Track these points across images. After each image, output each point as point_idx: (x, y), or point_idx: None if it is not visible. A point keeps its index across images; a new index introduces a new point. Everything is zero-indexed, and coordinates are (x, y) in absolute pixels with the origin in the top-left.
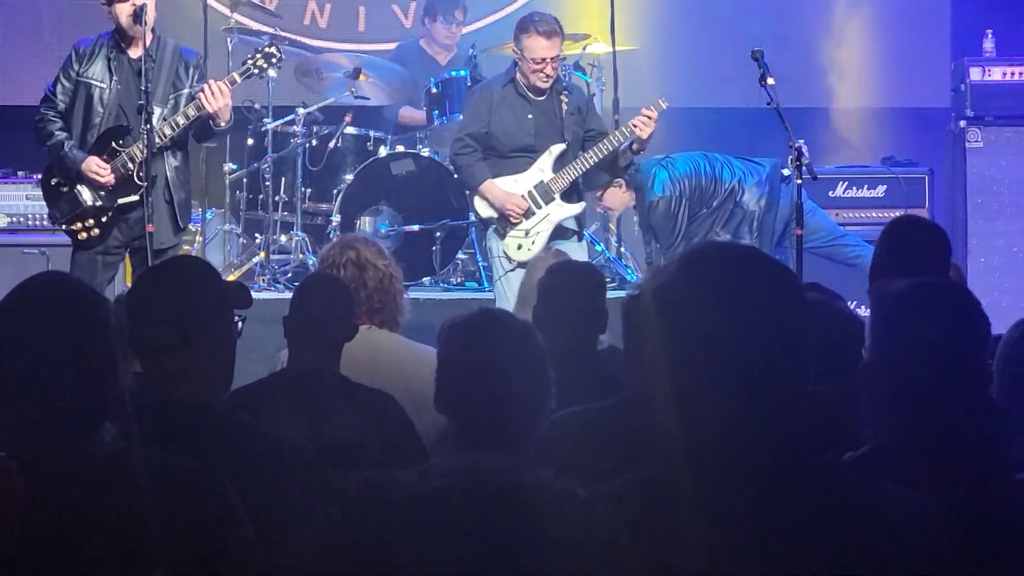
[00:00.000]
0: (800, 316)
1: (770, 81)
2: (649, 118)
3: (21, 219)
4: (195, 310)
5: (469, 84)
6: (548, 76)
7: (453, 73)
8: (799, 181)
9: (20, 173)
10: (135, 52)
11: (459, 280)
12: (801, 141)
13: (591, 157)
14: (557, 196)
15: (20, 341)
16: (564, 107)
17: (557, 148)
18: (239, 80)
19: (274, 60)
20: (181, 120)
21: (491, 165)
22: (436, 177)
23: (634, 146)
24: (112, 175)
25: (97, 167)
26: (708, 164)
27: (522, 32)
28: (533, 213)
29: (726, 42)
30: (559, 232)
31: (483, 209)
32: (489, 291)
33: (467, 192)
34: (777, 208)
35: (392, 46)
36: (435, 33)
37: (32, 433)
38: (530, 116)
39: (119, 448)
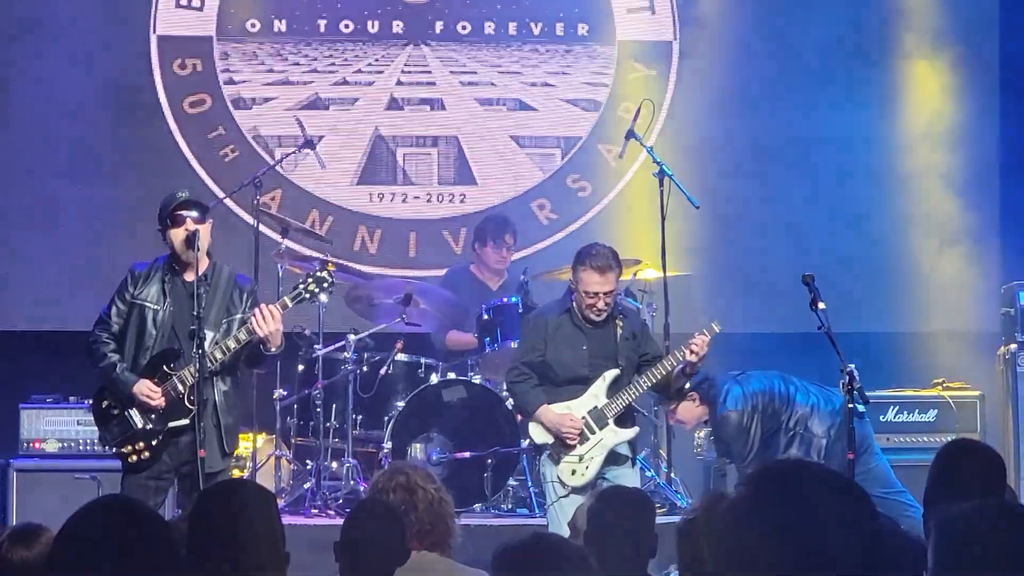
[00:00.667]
0: (868, 542)
1: (821, 306)
2: (700, 343)
3: (72, 444)
4: (251, 534)
5: (520, 310)
6: (600, 311)
7: (506, 299)
8: (851, 406)
9: (72, 398)
10: (189, 276)
11: (510, 506)
12: (852, 365)
13: (645, 383)
14: (611, 421)
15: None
16: (619, 332)
17: (611, 374)
18: (290, 304)
19: (325, 285)
20: (232, 344)
21: (545, 392)
22: (487, 404)
23: (687, 369)
24: (163, 398)
25: (149, 390)
26: (783, 384)
27: (578, 264)
28: (587, 438)
29: (777, 268)
30: (612, 458)
31: (538, 435)
32: (541, 517)
33: (521, 419)
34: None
35: (442, 272)
36: (486, 258)
37: None
38: (584, 347)
39: None
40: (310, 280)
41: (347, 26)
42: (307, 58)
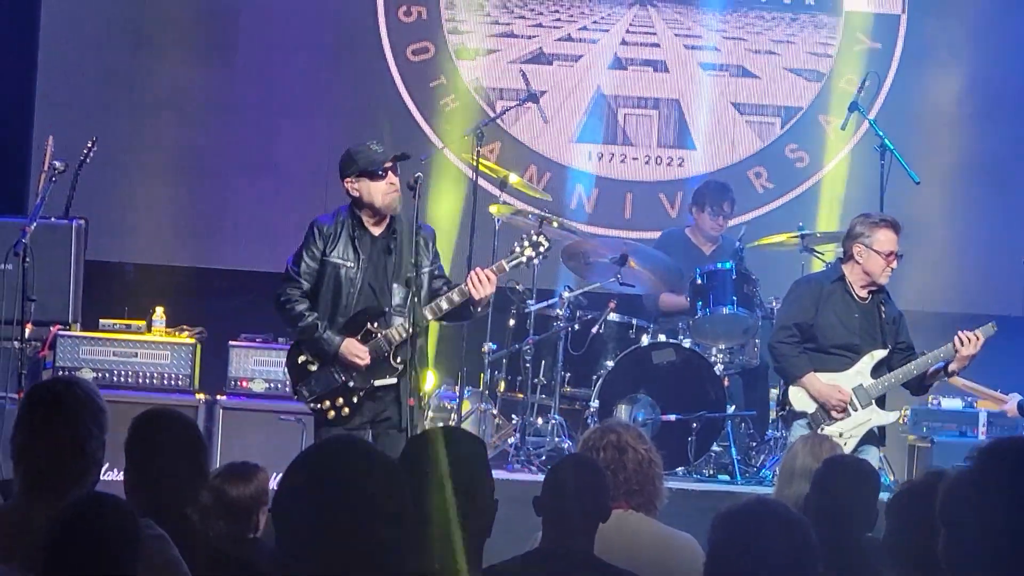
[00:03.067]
0: None
1: None
2: (974, 340)
3: (279, 385)
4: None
5: (734, 277)
6: (892, 271)
7: (719, 265)
8: None
9: (281, 340)
10: (377, 229)
11: (711, 472)
12: None
13: (912, 369)
14: (874, 402)
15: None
16: (883, 315)
17: (879, 353)
18: (507, 268)
19: (542, 249)
20: (445, 305)
21: (811, 359)
22: (696, 368)
23: (950, 366)
24: (369, 358)
25: (357, 350)
26: None
27: (872, 226)
28: (850, 415)
29: (993, 247)
30: (866, 437)
31: (800, 401)
32: (743, 484)
33: (728, 384)
34: None
35: (657, 234)
36: (702, 223)
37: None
38: (856, 315)
39: None
40: (527, 244)
41: None
42: (533, 12)
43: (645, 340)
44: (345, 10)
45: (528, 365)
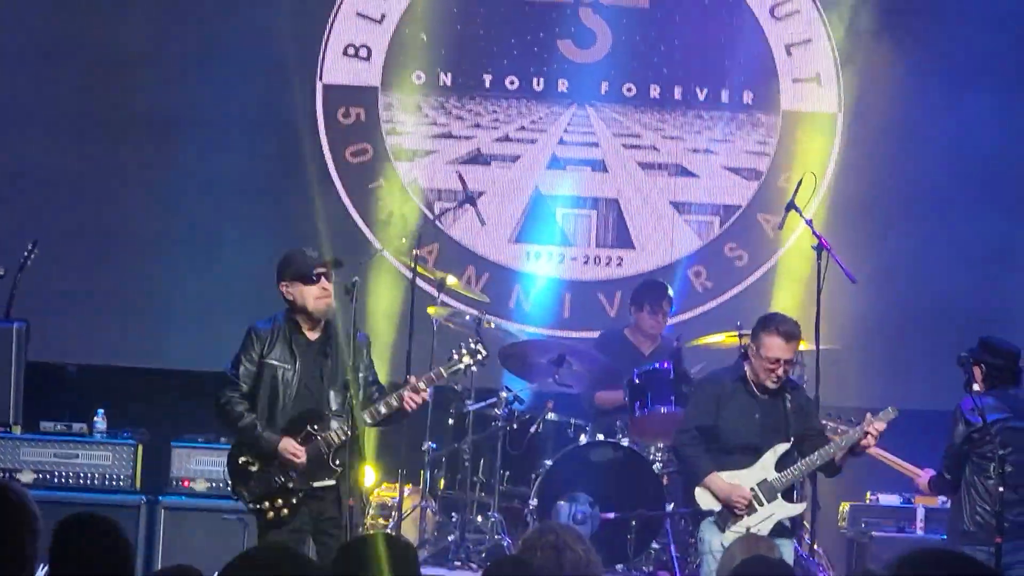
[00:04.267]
0: None
1: (975, 388)
2: (881, 426)
3: (220, 484)
4: None
5: (672, 377)
6: (779, 377)
7: (658, 365)
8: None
9: (223, 439)
10: (313, 334)
11: (651, 569)
12: (1007, 450)
13: (816, 460)
14: (779, 495)
15: None
16: (789, 405)
17: (782, 447)
18: (445, 376)
19: (480, 357)
20: (384, 409)
21: (714, 459)
22: (634, 466)
23: (856, 449)
24: (306, 457)
25: (293, 448)
26: None
27: (763, 330)
28: (756, 510)
29: (932, 345)
30: (777, 530)
31: (705, 501)
32: None
33: (667, 482)
34: None
35: (596, 333)
36: (641, 323)
37: None
38: (757, 415)
39: None
40: (465, 351)
41: (512, 83)
42: (471, 113)
43: (583, 439)
44: (285, 112)
45: (468, 464)
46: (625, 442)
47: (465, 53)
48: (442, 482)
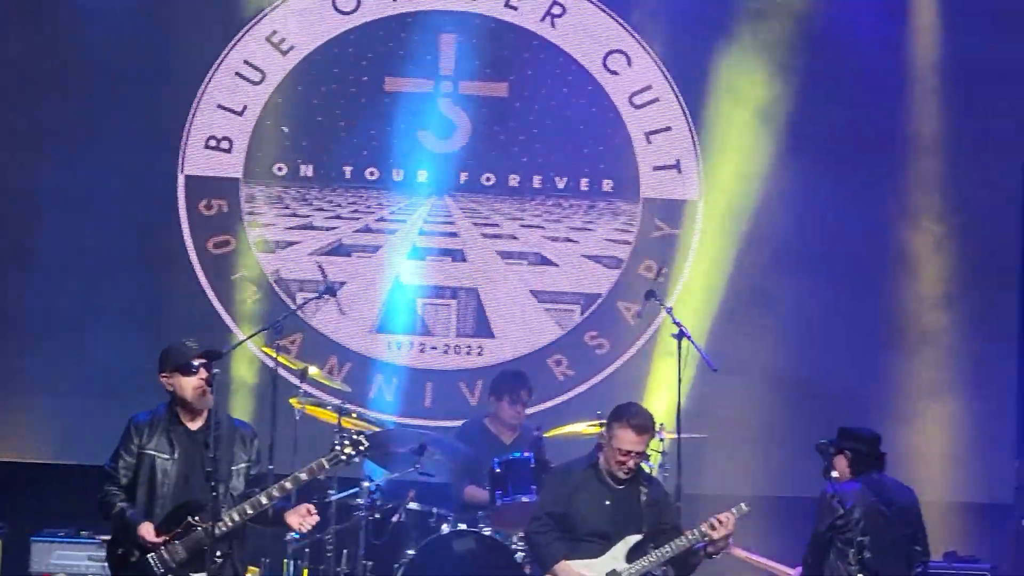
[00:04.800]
0: None
1: (834, 474)
2: (725, 522)
3: None
4: None
5: (533, 466)
6: (630, 469)
7: (518, 454)
8: None
9: (84, 533)
10: (193, 425)
11: None
12: (865, 539)
13: (666, 552)
14: None
15: None
16: (643, 497)
17: (633, 539)
18: (327, 467)
19: (362, 448)
20: (265, 500)
21: (564, 544)
22: (497, 556)
23: (708, 548)
24: (184, 549)
25: (146, 532)
26: None
27: (615, 421)
28: None
29: (792, 431)
30: None
31: None
32: None
33: (530, 571)
34: None
35: (458, 422)
36: (501, 413)
37: None
38: (608, 503)
39: None
40: (347, 443)
41: (372, 173)
42: (331, 204)
43: (446, 528)
44: (147, 204)
45: (330, 554)
46: (487, 531)
47: (325, 144)
48: (305, 572)
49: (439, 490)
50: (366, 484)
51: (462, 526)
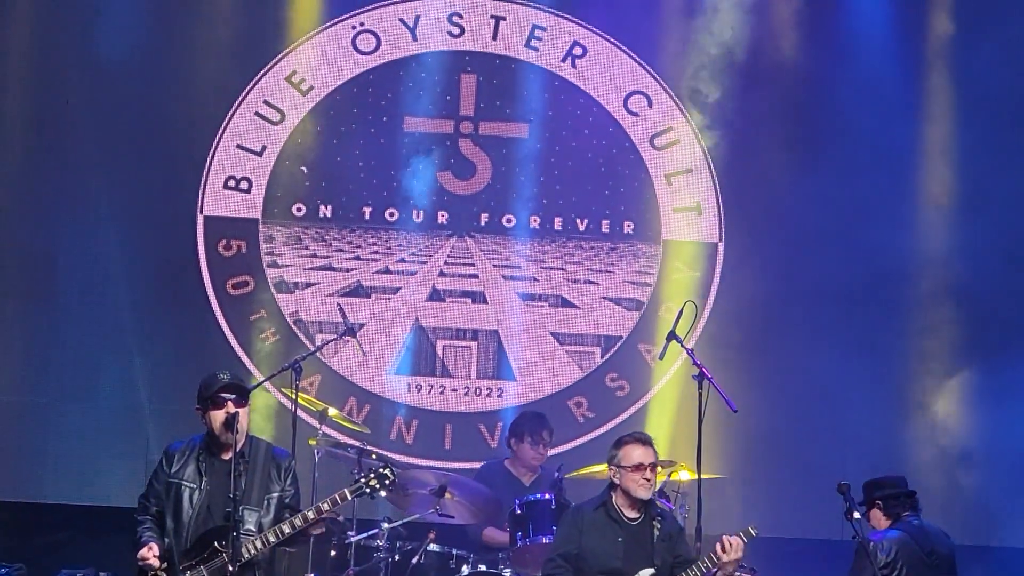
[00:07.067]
0: None
1: (856, 516)
2: (734, 544)
3: None
4: None
5: (554, 507)
6: (649, 481)
7: (539, 496)
8: None
9: (103, 574)
10: (226, 455)
11: None
12: None
13: None
14: None
15: None
16: (656, 532)
17: (646, 573)
18: (349, 498)
19: (387, 482)
20: (287, 529)
21: None
22: None
23: (718, 574)
24: (150, 556)
25: (144, 551)
26: None
27: (616, 448)
28: None
29: (814, 473)
30: None
31: None
32: None
33: None
34: None
35: (477, 465)
36: (521, 454)
37: None
38: (620, 539)
39: None
40: (372, 476)
41: (392, 215)
42: (351, 245)
43: (465, 570)
44: (166, 244)
45: None
46: (508, 573)
47: (345, 185)
48: None
49: (459, 531)
50: (386, 526)
51: (482, 567)
